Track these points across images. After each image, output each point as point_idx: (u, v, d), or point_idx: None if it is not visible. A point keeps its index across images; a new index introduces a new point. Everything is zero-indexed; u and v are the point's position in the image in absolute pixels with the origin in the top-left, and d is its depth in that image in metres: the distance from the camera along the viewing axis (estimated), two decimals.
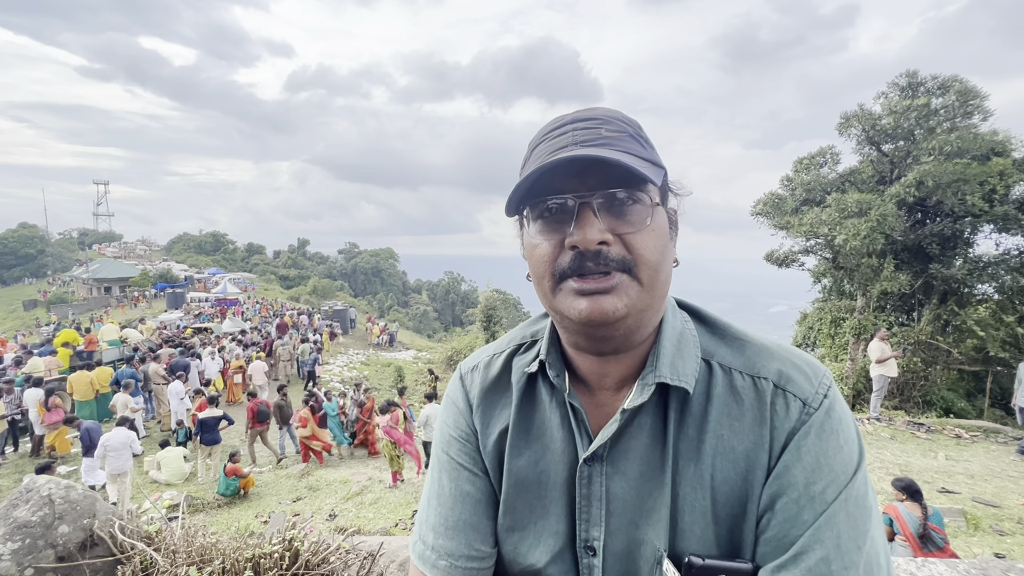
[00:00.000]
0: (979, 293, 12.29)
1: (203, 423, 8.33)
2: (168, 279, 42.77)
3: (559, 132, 0.58)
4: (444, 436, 0.74)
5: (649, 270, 0.55)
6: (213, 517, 6.71)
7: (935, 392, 11.77)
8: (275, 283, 55.97)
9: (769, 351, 0.61)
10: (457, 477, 0.70)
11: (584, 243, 0.54)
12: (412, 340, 32.85)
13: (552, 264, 0.57)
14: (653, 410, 0.61)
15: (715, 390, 0.60)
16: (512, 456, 0.68)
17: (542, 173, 0.54)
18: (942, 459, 7.10)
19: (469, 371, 0.77)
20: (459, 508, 0.68)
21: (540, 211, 0.58)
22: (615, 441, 0.61)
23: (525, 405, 0.69)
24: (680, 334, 0.63)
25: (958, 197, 11.03)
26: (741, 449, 0.57)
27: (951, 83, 12.05)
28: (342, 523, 6.19)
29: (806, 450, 0.54)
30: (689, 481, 0.58)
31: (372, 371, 19.69)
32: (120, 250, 69.02)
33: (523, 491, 0.66)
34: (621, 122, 0.59)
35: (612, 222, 0.55)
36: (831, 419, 0.56)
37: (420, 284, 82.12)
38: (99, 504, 1.35)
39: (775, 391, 0.57)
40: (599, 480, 0.62)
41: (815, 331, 15.45)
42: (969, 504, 5.54)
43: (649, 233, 0.56)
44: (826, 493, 0.53)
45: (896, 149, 12.62)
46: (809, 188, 13.24)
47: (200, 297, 31.31)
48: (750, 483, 0.56)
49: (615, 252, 0.55)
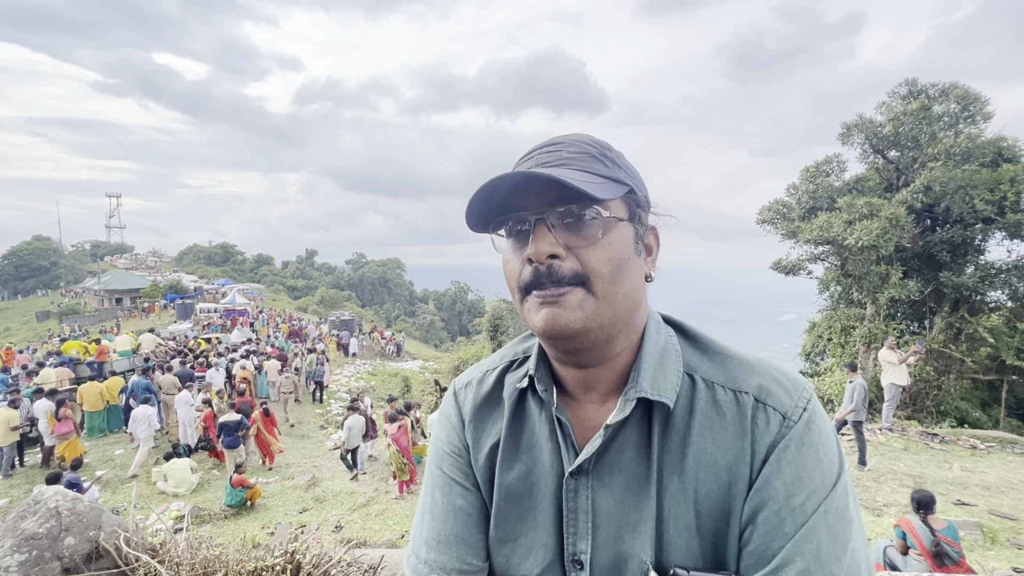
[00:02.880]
0: (992, 301, 12.14)
1: (223, 427, 8.68)
2: (178, 290, 43.24)
3: (528, 157, 0.63)
4: (437, 451, 0.76)
5: (603, 283, 0.57)
6: (219, 528, 6.71)
7: (949, 402, 11.58)
8: (283, 293, 56.40)
9: (750, 365, 0.62)
10: (450, 492, 0.71)
11: (536, 255, 0.57)
12: (419, 350, 32.88)
13: (517, 279, 0.60)
14: (637, 424, 0.62)
15: (698, 404, 0.61)
16: (503, 469, 0.69)
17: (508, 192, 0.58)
18: (957, 470, 6.97)
19: (463, 387, 0.78)
20: (451, 522, 0.69)
21: (507, 229, 0.62)
22: (600, 455, 0.62)
23: (516, 419, 0.71)
24: (663, 349, 0.64)
25: (967, 203, 10.95)
26: (723, 462, 0.58)
27: (951, 89, 12.03)
28: (348, 535, 6.17)
29: (786, 463, 0.55)
30: (673, 494, 0.59)
31: (379, 381, 19.72)
32: (131, 262, 69.94)
33: (514, 503, 0.67)
34: (585, 144, 0.62)
35: (567, 237, 0.58)
36: (811, 432, 0.57)
37: (427, 294, 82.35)
38: (105, 516, 1.37)
39: (756, 405, 0.58)
40: (585, 493, 0.62)
41: (824, 340, 15.29)
42: (986, 517, 5.42)
43: (603, 247, 0.57)
44: (806, 505, 0.54)
45: (901, 156, 12.58)
46: (815, 196, 13.21)
47: (209, 308, 31.59)
48: (732, 496, 0.57)
49: (567, 266, 0.57)
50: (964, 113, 11.71)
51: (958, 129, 11.68)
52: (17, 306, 53.80)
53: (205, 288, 44.89)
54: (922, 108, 11.74)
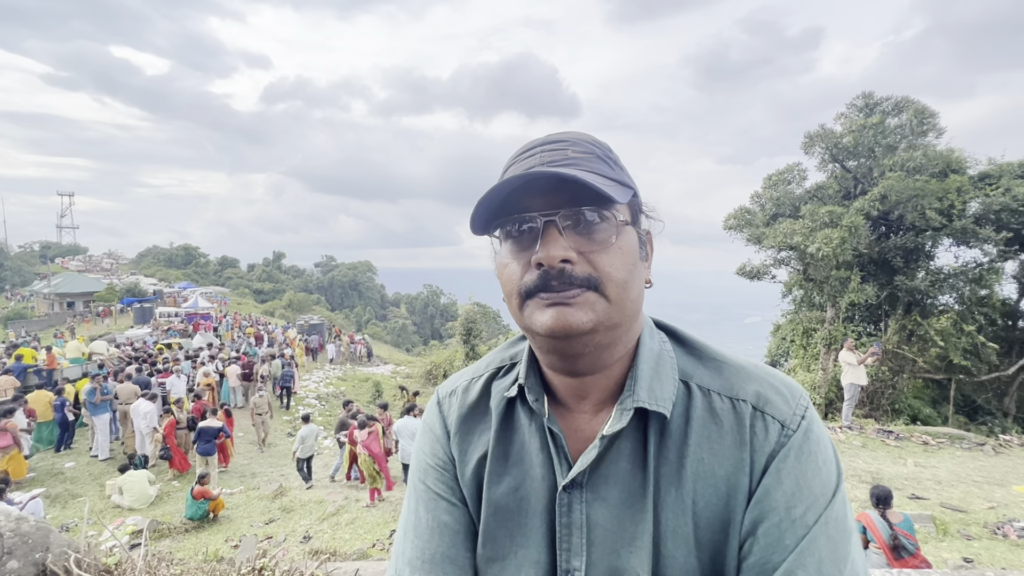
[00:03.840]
0: (941, 304, 12.80)
1: (202, 432, 8.46)
2: (136, 293, 41.28)
3: (528, 154, 0.59)
4: (421, 464, 0.72)
5: (616, 287, 0.55)
6: (180, 543, 6.42)
7: (903, 400, 12.13)
8: (249, 297, 54.64)
9: (747, 372, 0.61)
10: (434, 507, 0.67)
11: (548, 260, 0.54)
12: (390, 354, 32.37)
13: (519, 282, 0.57)
14: (632, 434, 0.60)
15: (694, 412, 0.59)
16: (491, 483, 0.66)
17: (509, 191, 0.55)
18: (911, 466, 7.30)
19: (447, 396, 0.74)
20: (436, 540, 0.65)
21: (508, 230, 0.58)
22: (595, 467, 0.60)
23: (504, 430, 0.67)
24: (658, 355, 0.63)
25: (918, 211, 11.54)
26: (722, 473, 0.56)
27: (905, 104, 12.72)
28: (317, 545, 5.99)
29: (786, 473, 0.54)
30: (671, 506, 0.57)
31: (349, 386, 19.30)
32: (85, 264, 66.45)
33: (503, 519, 0.64)
34: (589, 144, 0.59)
35: (578, 241, 0.55)
36: (809, 441, 0.56)
37: (399, 297, 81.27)
38: (53, 536, 1.27)
39: (754, 413, 0.57)
40: (579, 508, 0.60)
41: (788, 342, 15.83)
42: (938, 510, 5.69)
43: (616, 251, 0.56)
44: (807, 516, 0.53)
45: (859, 166, 13.17)
46: (778, 203, 13.69)
47: (170, 312, 30.30)
48: (732, 508, 0.55)
49: (580, 270, 0.54)
50: (919, 127, 12.38)
51: (911, 141, 12.32)
52: None
53: (165, 291, 43.06)
54: (880, 121, 12.34)
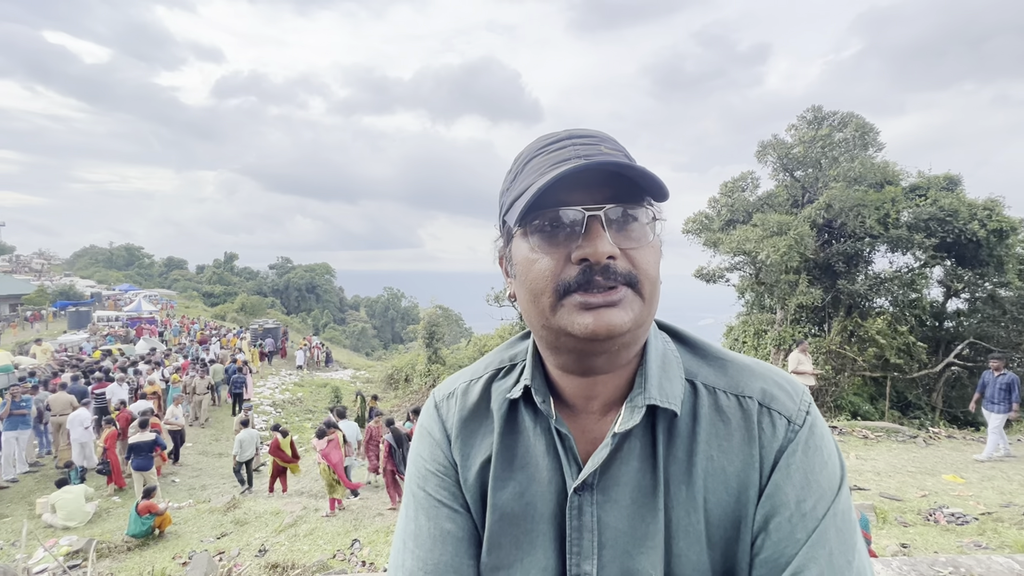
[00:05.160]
0: (877, 306, 13.70)
1: (135, 447, 7.85)
2: (71, 296, 38.39)
3: (558, 146, 0.57)
4: (419, 470, 0.69)
5: (650, 285, 0.56)
6: (122, 563, 6.00)
7: (844, 397, 12.88)
8: (198, 300, 51.95)
9: (751, 369, 0.62)
10: (436, 515, 0.65)
11: (596, 256, 0.52)
12: (349, 359, 31.55)
13: (555, 279, 0.54)
14: (642, 433, 0.60)
15: (701, 410, 0.60)
16: (496, 488, 0.64)
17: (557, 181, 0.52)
18: (853, 459, 7.75)
19: (444, 399, 0.72)
20: (439, 550, 0.63)
21: (540, 224, 0.55)
22: (605, 468, 0.60)
23: (508, 433, 0.66)
24: (663, 355, 0.63)
25: (858, 220, 12.35)
26: (732, 470, 0.57)
27: (849, 119, 13.61)
28: (274, 559, 5.75)
29: (795, 468, 0.55)
30: (682, 505, 0.57)
31: (307, 392, 18.68)
32: (11, 264, 61.35)
33: (508, 526, 0.62)
34: (616, 142, 0.59)
35: (617, 237, 0.54)
36: (815, 435, 0.57)
37: (358, 300, 79.29)
38: None
39: (760, 410, 0.58)
40: (590, 510, 0.59)
41: (740, 343, 16.54)
42: (877, 499, 6.05)
43: (650, 249, 0.56)
44: (816, 510, 0.54)
45: (806, 176, 13.96)
46: (733, 209, 14.33)
47: (109, 316, 28.40)
48: (743, 504, 0.56)
49: (622, 266, 0.54)
50: (860, 140, 13.25)
51: (853, 154, 13.17)
52: None
53: (104, 294, 40.33)
54: (828, 134, 13.14)
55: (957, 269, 12.66)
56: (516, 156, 0.62)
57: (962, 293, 13.30)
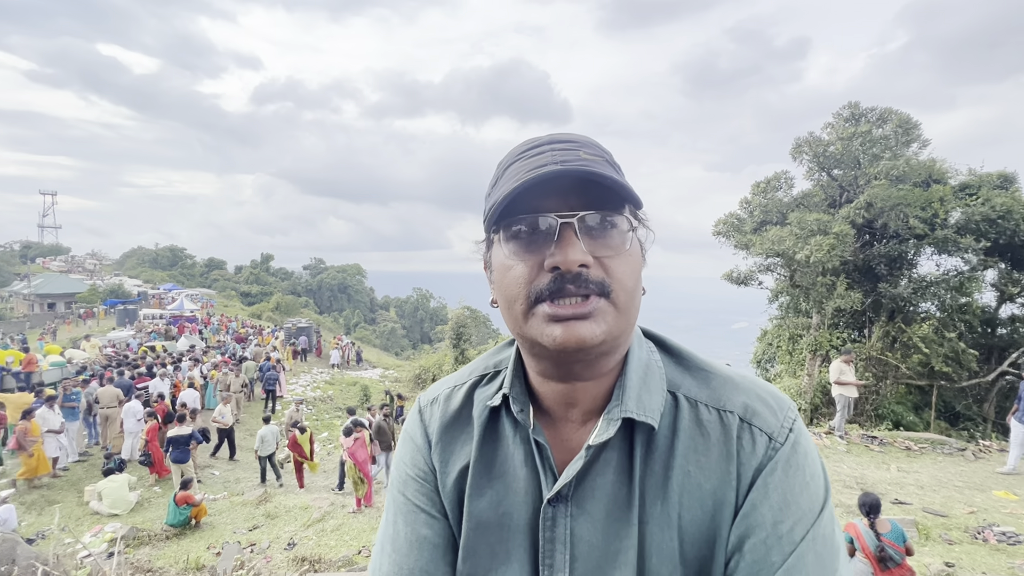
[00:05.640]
0: (923, 311, 13.03)
1: (173, 440, 8.14)
2: (119, 295, 40.55)
3: (536, 152, 0.56)
4: (401, 475, 0.69)
5: (625, 295, 0.54)
6: (160, 550, 6.28)
7: (886, 406, 12.30)
8: (236, 299, 53.95)
9: (734, 383, 0.60)
10: (414, 520, 0.65)
11: (567, 264, 0.51)
12: (379, 358, 32.12)
13: (527, 286, 0.54)
14: (619, 445, 0.59)
15: (681, 423, 0.58)
16: (473, 497, 0.63)
17: (529, 186, 0.52)
18: (894, 471, 7.39)
19: (428, 404, 0.72)
20: (415, 555, 0.63)
21: (515, 231, 0.55)
22: (580, 480, 0.59)
23: (487, 441, 0.65)
24: (646, 365, 0.61)
25: (902, 220, 11.77)
26: (708, 487, 0.55)
27: (889, 115, 13.00)
28: (302, 552, 5.90)
29: (773, 487, 0.53)
30: (656, 521, 0.56)
31: (337, 390, 19.12)
32: (67, 264, 65.23)
33: (484, 535, 0.62)
34: (598, 147, 0.57)
35: (591, 244, 0.53)
36: (797, 454, 0.55)
37: (388, 301, 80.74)
38: (20, 548, 1.24)
39: (741, 425, 0.56)
40: (564, 522, 0.58)
41: (774, 347, 16.01)
42: (920, 514, 5.75)
43: (627, 258, 0.55)
44: (794, 532, 0.52)
45: (844, 174, 13.41)
46: (766, 210, 13.88)
47: (154, 314, 29.82)
48: (718, 523, 0.54)
49: (595, 275, 0.53)
50: (903, 137, 12.64)
51: (895, 151, 12.57)
52: None
53: (150, 293, 42.40)
54: (867, 131, 12.58)
55: (1012, 272, 11.96)
56: (499, 161, 0.62)
57: (1017, 298, 12.53)
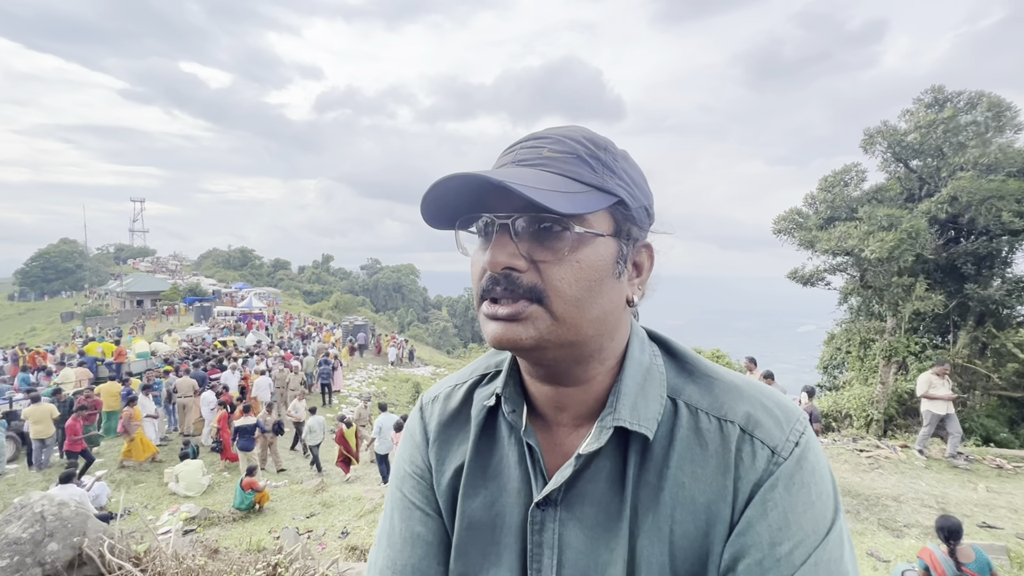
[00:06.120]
0: (1019, 315, 11.74)
1: (240, 430, 8.93)
2: (197, 293, 44.09)
3: (507, 151, 0.56)
4: (399, 471, 0.70)
5: (563, 303, 0.51)
6: (227, 531, 6.74)
7: (974, 419, 11.18)
8: (299, 298, 57.16)
9: (739, 391, 0.56)
10: (409, 517, 0.65)
11: (491, 266, 0.51)
12: (431, 356, 32.96)
13: (477, 284, 0.55)
14: (613, 452, 0.56)
15: (679, 432, 0.54)
16: (466, 496, 0.63)
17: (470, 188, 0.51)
18: (982, 491, 6.69)
19: (429, 402, 0.72)
20: (408, 551, 0.63)
21: (477, 227, 0.55)
22: (571, 485, 0.57)
23: (483, 441, 0.65)
24: (646, 370, 0.58)
25: (993, 214, 10.63)
26: (702, 500, 0.51)
27: (979, 98, 11.74)
28: (353, 541, 6.14)
29: (772, 505, 0.49)
30: (647, 533, 0.53)
31: (390, 387, 19.77)
32: (153, 265, 71.51)
33: (476, 535, 0.61)
34: (574, 141, 0.54)
35: (531, 247, 0.51)
36: (802, 470, 0.50)
37: (440, 300, 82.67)
38: (91, 523, 1.35)
39: (742, 436, 0.52)
40: (552, 527, 0.56)
41: (843, 352, 14.94)
42: (1013, 541, 5.18)
43: (570, 264, 0.51)
44: (793, 556, 0.47)
45: (924, 165, 12.30)
46: (833, 206, 12.96)
47: (226, 311, 32.12)
48: (711, 540, 0.51)
49: (526, 279, 0.51)
50: (995, 122, 11.39)
51: (986, 138, 11.36)
52: (43, 307, 55.31)
53: (223, 291, 45.72)
54: (952, 116, 11.45)
55: None
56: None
57: None
